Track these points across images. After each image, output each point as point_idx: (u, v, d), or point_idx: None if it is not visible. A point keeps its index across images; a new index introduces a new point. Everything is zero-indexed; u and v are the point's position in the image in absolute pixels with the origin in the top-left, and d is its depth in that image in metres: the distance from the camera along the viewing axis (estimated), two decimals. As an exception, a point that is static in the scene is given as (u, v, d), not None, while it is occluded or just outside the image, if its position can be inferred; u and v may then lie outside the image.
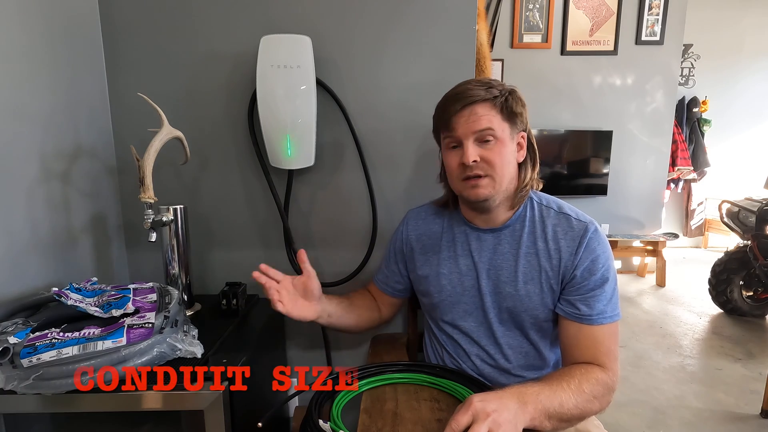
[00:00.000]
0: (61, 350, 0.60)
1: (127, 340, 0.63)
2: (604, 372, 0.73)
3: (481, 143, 0.76)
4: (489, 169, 0.76)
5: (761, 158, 4.25)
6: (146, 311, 0.71)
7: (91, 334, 0.63)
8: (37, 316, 0.73)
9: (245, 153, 1.06)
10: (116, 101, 1.04)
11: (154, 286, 0.83)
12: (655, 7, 3.26)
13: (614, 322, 0.76)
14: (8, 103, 0.77)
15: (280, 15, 1.00)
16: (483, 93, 0.76)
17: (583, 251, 0.76)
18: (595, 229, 0.78)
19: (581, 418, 0.71)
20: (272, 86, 0.94)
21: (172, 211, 0.87)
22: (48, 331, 0.64)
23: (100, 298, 0.77)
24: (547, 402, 0.66)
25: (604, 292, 0.76)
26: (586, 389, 0.70)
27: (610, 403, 0.75)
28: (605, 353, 0.75)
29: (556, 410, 0.66)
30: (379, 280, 0.99)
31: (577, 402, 0.68)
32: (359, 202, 1.08)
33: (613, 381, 0.74)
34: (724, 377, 2.10)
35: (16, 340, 0.62)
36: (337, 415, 0.67)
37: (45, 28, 0.86)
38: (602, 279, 0.76)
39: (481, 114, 0.75)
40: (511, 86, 0.80)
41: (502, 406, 0.61)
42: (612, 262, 0.78)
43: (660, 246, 3.39)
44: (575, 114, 3.40)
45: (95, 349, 0.61)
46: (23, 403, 0.64)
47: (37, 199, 0.83)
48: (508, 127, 0.78)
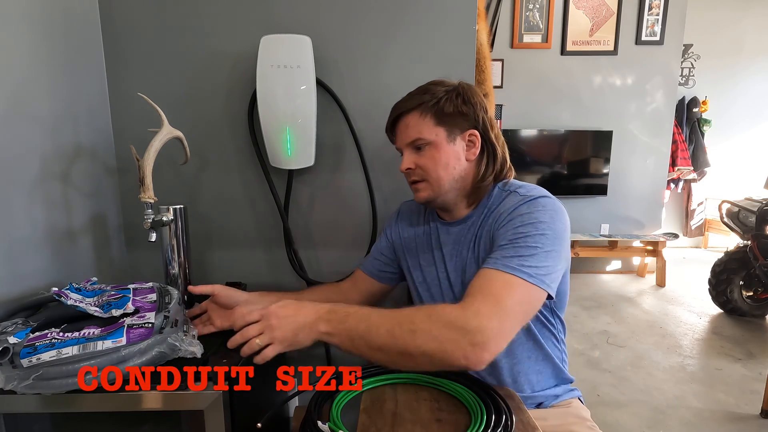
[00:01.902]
0: (61, 350, 0.60)
1: (126, 340, 0.63)
2: (462, 308, 0.63)
3: (416, 150, 0.80)
4: (424, 174, 0.80)
5: (761, 158, 4.25)
6: (146, 311, 0.71)
7: (91, 334, 0.63)
8: (37, 316, 0.73)
9: (245, 153, 1.06)
10: (116, 101, 1.04)
11: (153, 286, 0.83)
12: (655, 7, 3.26)
13: (518, 277, 0.65)
14: (8, 103, 0.77)
15: (280, 15, 1.00)
16: (412, 103, 0.79)
17: (508, 213, 0.74)
18: (533, 199, 0.74)
19: (405, 353, 0.62)
20: (272, 86, 0.94)
21: (172, 211, 0.87)
22: (48, 331, 0.64)
23: (99, 298, 0.77)
24: (354, 322, 0.65)
25: (515, 245, 0.69)
26: (418, 318, 0.63)
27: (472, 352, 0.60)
28: (483, 293, 0.64)
29: (362, 333, 0.64)
30: (366, 265, 0.99)
31: (394, 329, 0.62)
32: (359, 202, 1.08)
33: (469, 319, 0.61)
34: (724, 377, 2.10)
35: (16, 340, 0.62)
36: (337, 416, 0.67)
37: (45, 28, 0.86)
38: (517, 234, 0.70)
39: (410, 125, 0.79)
40: (454, 85, 0.80)
41: (291, 307, 0.69)
42: (548, 229, 0.70)
43: (660, 246, 3.39)
44: (575, 114, 3.40)
45: (95, 349, 0.61)
46: (23, 403, 0.64)
47: (37, 199, 0.83)
48: (443, 131, 0.78)
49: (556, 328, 0.85)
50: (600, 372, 2.15)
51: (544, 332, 0.83)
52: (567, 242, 0.74)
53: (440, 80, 0.82)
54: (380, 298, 1.01)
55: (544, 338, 0.83)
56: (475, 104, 0.79)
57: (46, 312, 0.74)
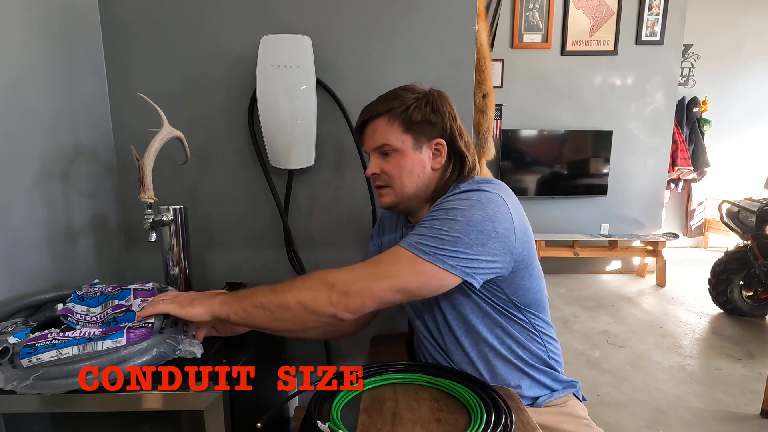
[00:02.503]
0: (61, 350, 0.60)
1: (126, 340, 0.63)
2: (338, 270, 0.71)
3: (383, 155, 0.80)
4: (389, 180, 0.81)
5: (761, 158, 4.25)
6: None
7: (91, 334, 0.63)
8: (38, 316, 0.73)
9: (245, 153, 1.06)
10: (116, 101, 1.04)
11: (154, 287, 0.83)
12: (655, 7, 3.26)
13: (410, 252, 0.69)
14: (9, 103, 0.77)
15: (280, 15, 1.00)
16: (381, 108, 0.79)
17: (436, 205, 0.75)
18: (462, 192, 0.74)
19: (281, 304, 0.69)
20: (272, 86, 0.94)
21: (172, 211, 0.88)
22: (48, 332, 0.64)
23: (104, 308, 0.77)
24: (246, 291, 0.72)
25: (421, 227, 0.72)
26: (299, 279, 0.72)
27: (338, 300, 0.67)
28: (366, 262, 0.72)
29: (248, 294, 0.70)
30: None
31: (276, 288, 0.70)
32: (359, 202, 1.08)
33: (339, 274, 0.69)
34: (724, 377, 2.10)
35: (16, 340, 0.62)
36: (337, 415, 0.67)
37: (45, 28, 0.86)
38: (427, 219, 0.73)
39: (378, 129, 0.79)
40: (424, 93, 0.80)
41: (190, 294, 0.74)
42: (461, 216, 0.70)
43: (660, 246, 3.39)
44: (575, 114, 3.40)
45: (95, 350, 0.61)
46: (23, 403, 0.64)
47: (37, 199, 0.83)
48: (410, 138, 0.78)
49: (531, 325, 0.82)
50: (600, 372, 2.15)
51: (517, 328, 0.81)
52: (498, 234, 0.70)
53: (411, 86, 0.81)
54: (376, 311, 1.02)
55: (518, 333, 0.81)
56: (444, 113, 0.79)
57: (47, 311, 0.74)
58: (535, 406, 0.83)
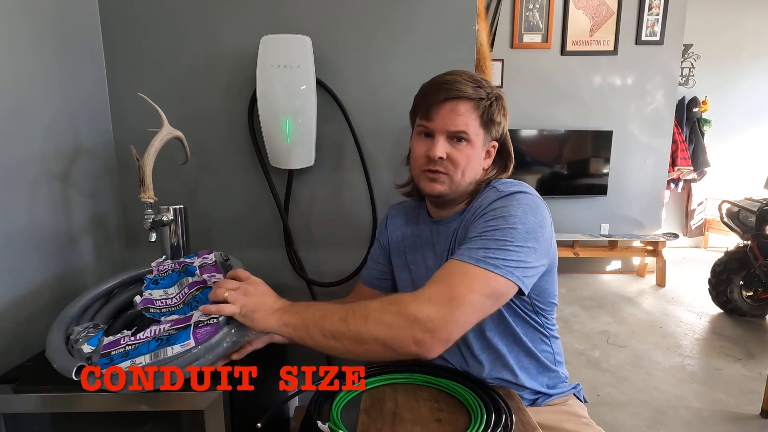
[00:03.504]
0: (135, 360, 0.59)
1: (195, 342, 0.61)
2: (414, 296, 0.63)
3: (452, 140, 0.76)
4: (451, 168, 0.76)
5: (761, 158, 4.25)
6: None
7: (160, 331, 0.63)
8: (108, 309, 0.74)
9: (245, 153, 1.06)
10: (116, 101, 1.04)
11: (216, 260, 0.83)
12: (655, 7, 3.26)
13: (480, 267, 0.64)
14: (8, 103, 0.77)
15: (280, 15, 1.00)
16: (470, 91, 0.73)
17: (483, 208, 0.74)
18: (510, 194, 0.73)
19: (356, 338, 0.62)
20: (272, 86, 0.94)
21: (172, 211, 0.87)
22: (120, 336, 0.63)
23: (181, 287, 0.76)
24: (311, 311, 0.66)
25: (482, 238, 0.68)
26: (371, 306, 0.64)
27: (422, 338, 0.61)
28: (437, 281, 0.65)
29: (317, 320, 0.64)
30: (365, 277, 0.99)
31: (348, 317, 0.63)
32: (359, 202, 1.08)
33: (420, 307, 0.61)
34: (724, 377, 2.10)
35: (90, 348, 0.62)
36: (337, 416, 0.67)
37: (45, 28, 0.86)
38: (486, 226, 0.69)
39: (461, 113, 0.74)
40: (499, 90, 0.78)
41: (266, 288, 0.71)
42: (519, 223, 0.68)
43: (660, 246, 3.39)
44: (575, 114, 3.40)
45: (166, 356, 0.60)
46: (23, 403, 0.64)
47: (37, 199, 0.83)
48: (483, 134, 0.77)
49: (543, 327, 0.83)
50: (600, 372, 2.15)
51: (527, 330, 0.82)
52: (545, 239, 0.71)
53: (480, 76, 0.77)
54: None
55: (528, 336, 0.82)
56: (506, 117, 0.79)
57: (119, 296, 0.77)
58: (535, 405, 0.83)
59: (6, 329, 0.76)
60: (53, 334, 0.67)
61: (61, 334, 0.67)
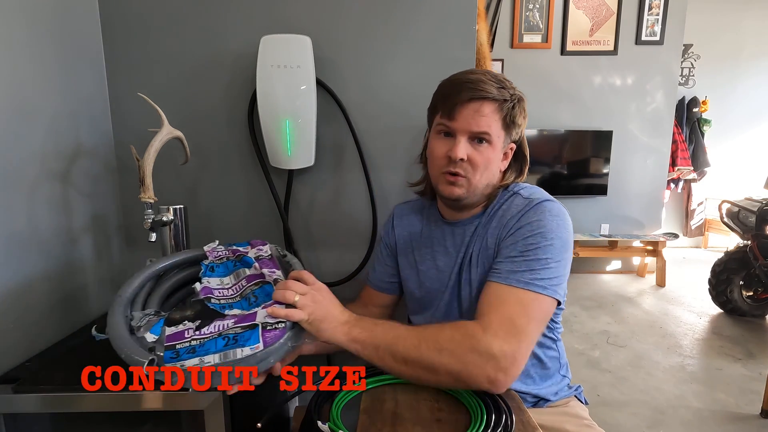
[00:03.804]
0: (203, 358, 0.58)
1: (264, 345, 0.60)
2: (483, 330, 0.64)
3: (473, 141, 0.74)
4: (470, 171, 0.75)
5: (761, 158, 4.25)
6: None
7: (224, 328, 0.62)
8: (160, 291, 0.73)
9: (245, 153, 1.06)
10: (116, 101, 1.04)
11: (272, 254, 0.81)
12: (655, 7, 3.26)
13: (530, 291, 0.67)
14: (8, 103, 0.77)
15: (280, 15, 1.00)
16: (495, 92, 0.72)
17: (515, 221, 0.73)
18: (539, 203, 0.73)
19: (430, 369, 0.64)
20: (272, 86, 0.94)
21: (172, 211, 0.87)
22: (184, 328, 0.61)
23: (237, 278, 0.74)
24: (382, 331, 0.66)
25: (525, 257, 0.69)
26: (443, 336, 0.64)
27: (495, 377, 0.62)
28: (499, 314, 0.66)
29: (389, 342, 0.64)
30: (373, 280, 0.98)
31: (420, 345, 0.63)
32: (359, 202, 1.08)
33: (491, 345, 0.62)
34: (724, 377, 2.10)
35: (153, 337, 0.60)
36: (337, 416, 0.67)
37: (45, 28, 0.86)
38: (527, 244, 0.70)
39: (485, 114, 0.72)
40: (520, 92, 0.77)
41: (332, 296, 0.69)
42: (555, 238, 0.70)
43: (660, 246, 3.39)
44: (575, 114, 3.40)
45: (236, 358, 0.58)
46: (23, 403, 0.64)
47: (37, 199, 0.83)
48: (503, 135, 0.76)
49: (551, 330, 0.83)
50: (600, 372, 2.15)
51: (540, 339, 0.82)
52: (570, 250, 0.74)
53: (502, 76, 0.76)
54: (394, 309, 1.01)
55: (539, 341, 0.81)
56: (525, 119, 0.78)
57: (170, 278, 0.76)
58: (537, 407, 0.83)
59: (6, 329, 0.76)
60: (115, 318, 0.63)
61: (123, 319, 0.64)
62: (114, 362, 0.73)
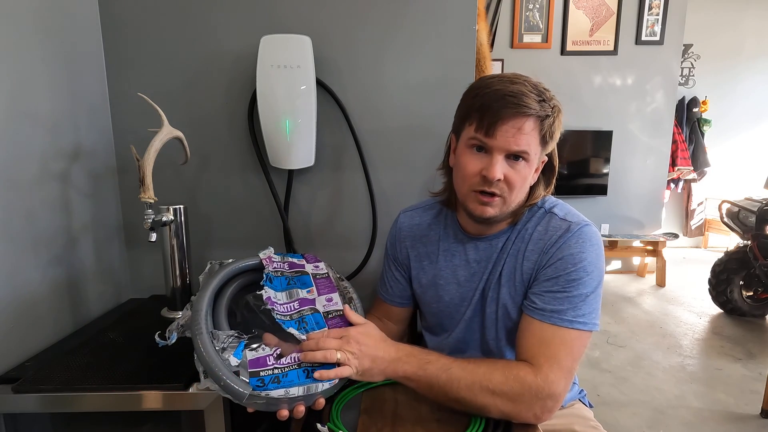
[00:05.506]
0: (289, 390, 0.60)
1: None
2: (534, 373, 0.64)
3: (512, 160, 0.69)
4: (506, 191, 0.69)
5: (761, 158, 4.25)
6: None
7: (299, 359, 0.64)
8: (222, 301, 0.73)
9: (245, 153, 1.06)
10: (116, 101, 1.04)
11: (330, 275, 0.82)
12: (655, 7, 3.26)
13: (574, 329, 0.67)
14: (8, 103, 0.77)
15: (280, 15, 1.00)
16: (537, 107, 0.66)
17: (556, 249, 0.70)
18: (579, 230, 0.70)
19: (482, 409, 0.65)
20: (272, 86, 0.94)
21: (172, 211, 0.88)
22: (264, 354, 0.63)
23: (290, 298, 0.74)
24: (435, 371, 0.65)
25: (567, 293, 0.68)
26: (495, 380, 0.64)
27: (542, 414, 0.65)
28: (547, 356, 0.66)
29: (442, 383, 0.65)
30: (389, 297, 0.91)
31: (474, 386, 0.64)
32: (359, 202, 1.08)
33: (542, 387, 0.64)
34: (724, 377, 2.10)
35: (236, 360, 0.61)
36: (337, 416, 0.67)
37: (45, 28, 0.85)
38: (569, 279, 0.68)
39: (525, 131, 0.66)
40: (558, 102, 0.71)
41: (372, 338, 0.68)
42: (594, 269, 0.69)
43: (660, 246, 3.39)
44: (575, 114, 3.40)
45: (316, 392, 0.62)
46: (23, 403, 0.65)
47: (37, 200, 0.83)
48: (540, 151, 0.71)
49: None
50: (600, 372, 2.15)
51: None
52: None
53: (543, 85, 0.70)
54: (413, 320, 1.00)
55: None
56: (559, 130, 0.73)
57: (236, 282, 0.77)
58: None
59: (6, 329, 0.76)
60: (203, 338, 0.63)
61: (209, 337, 0.63)
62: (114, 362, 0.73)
